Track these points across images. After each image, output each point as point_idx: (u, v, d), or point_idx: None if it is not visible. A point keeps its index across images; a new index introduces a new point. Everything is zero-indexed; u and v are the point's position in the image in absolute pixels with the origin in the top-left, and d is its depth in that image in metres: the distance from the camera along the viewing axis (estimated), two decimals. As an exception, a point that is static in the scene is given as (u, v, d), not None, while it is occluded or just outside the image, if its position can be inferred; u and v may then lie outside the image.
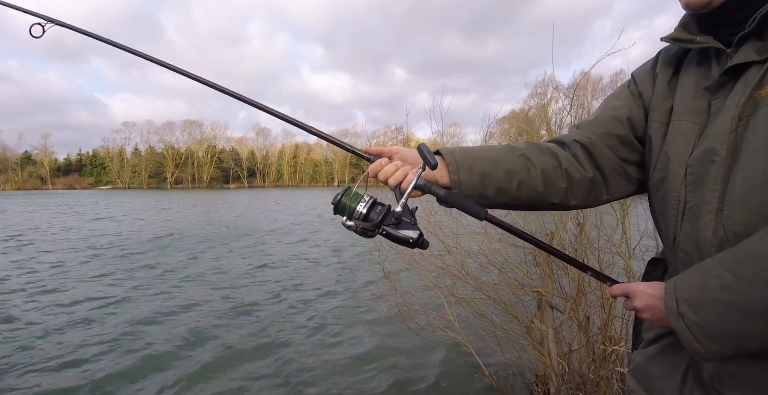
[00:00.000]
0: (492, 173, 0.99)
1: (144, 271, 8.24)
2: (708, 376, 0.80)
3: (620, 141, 1.00)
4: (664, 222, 0.90)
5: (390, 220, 0.96)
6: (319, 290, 6.86)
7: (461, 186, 0.99)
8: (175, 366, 4.08)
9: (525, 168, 1.00)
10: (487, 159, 1.00)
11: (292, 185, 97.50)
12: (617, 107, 1.02)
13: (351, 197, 0.99)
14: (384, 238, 0.97)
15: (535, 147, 1.04)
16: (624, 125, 0.99)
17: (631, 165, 1.01)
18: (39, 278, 7.60)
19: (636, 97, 1.00)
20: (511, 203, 1.04)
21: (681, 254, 0.84)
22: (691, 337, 0.73)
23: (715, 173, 0.78)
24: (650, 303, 0.84)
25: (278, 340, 4.75)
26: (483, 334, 3.44)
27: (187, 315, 5.59)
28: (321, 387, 3.70)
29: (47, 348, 4.47)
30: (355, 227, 0.96)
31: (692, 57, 0.91)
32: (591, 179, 1.02)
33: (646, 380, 0.95)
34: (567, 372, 2.76)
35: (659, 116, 0.93)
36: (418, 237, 0.95)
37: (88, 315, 5.57)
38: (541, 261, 3.15)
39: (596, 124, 1.04)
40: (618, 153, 1.00)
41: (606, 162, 1.01)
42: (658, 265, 1.03)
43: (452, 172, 0.99)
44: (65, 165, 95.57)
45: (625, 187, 1.04)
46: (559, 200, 1.03)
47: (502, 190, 1.00)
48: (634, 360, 1.01)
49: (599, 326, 2.79)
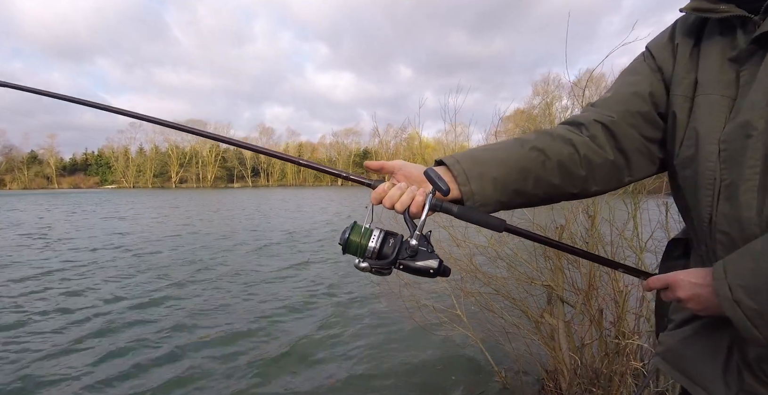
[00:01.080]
0: (505, 176, 0.91)
1: (186, 270, 8.22)
2: (754, 358, 0.75)
3: (643, 119, 0.92)
4: (695, 202, 0.83)
5: (405, 252, 0.89)
6: (321, 284, 6.85)
7: (474, 197, 0.91)
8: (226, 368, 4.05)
9: (539, 162, 0.92)
10: (497, 162, 0.92)
11: (296, 185, 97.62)
12: (636, 81, 0.94)
13: (360, 234, 0.91)
14: (403, 271, 0.91)
15: (546, 136, 0.96)
16: (646, 101, 0.92)
17: (654, 144, 0.94)
18: (76, 276, 7.60)
19: (655, 71, 0.93)
20: (528, 202, 0.97)
21: (719, 236, 0.78)
22: (750, 325, 0.68)
23: (753, 148, 0.72)
24: (696, 291, 0.78)
25: (279, 333, 4.71)
26: (491, 329, 3.38)
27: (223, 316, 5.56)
28: (324, 381, 3.65)
29: (95, 345, 4.47)
30: (370, 268, 0.89)
31: (713, 26, 0.85)
32: (612, 162, 0.94)
33: (681, 362, 0.89)
34: (579, 367, 2.70)
35: (683, 90, 0.87)
36: (438, 266, 0.88)
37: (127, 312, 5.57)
38: (551, 255, 3.09)
39: (616, 101, 0.96)
40: (641, 132, 0.93)
41: (629, 142, 0.94)
42: (678, 245, 0.97)
43: (462, 183, 0.91)
44: (71, 165, 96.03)
45: (648, 167, 0.97)
46: (579, 190, 0.96)
47: (518, 192, 0.93)
48: (664, 343, 0.94)
49: (612, 319, 2.72)
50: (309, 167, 1.06)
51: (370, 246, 0.90)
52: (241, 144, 1.13)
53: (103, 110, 1.14)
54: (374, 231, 0.91)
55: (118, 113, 1.13)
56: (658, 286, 0.87)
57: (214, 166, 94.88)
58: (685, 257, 0.97)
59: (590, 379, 2.64)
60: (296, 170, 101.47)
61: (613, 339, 2.61)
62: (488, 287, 3.41)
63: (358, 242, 0.90)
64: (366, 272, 0.90)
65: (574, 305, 2.90)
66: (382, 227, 0.92)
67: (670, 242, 0.99)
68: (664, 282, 0.85)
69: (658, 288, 0.87)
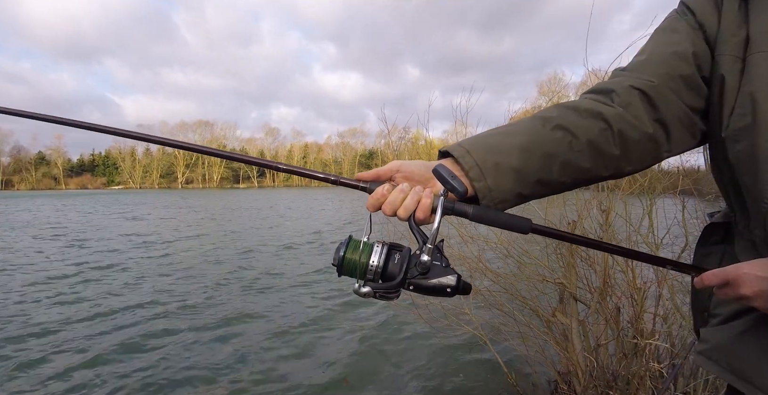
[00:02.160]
0: (526, 165, 0.77)
1: (213, 268, 8.18)
2: None
3: (686, 83, 0.78)
4: (752, 179, 0.71)
5: (416, 270, 0.72)
6: (327, 280, 6.76)
7: (491, 194, 0.76)
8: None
9: (566, 144, 0.78)
10: (516, 148, 0.77)
11: (302, 185, 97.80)
12: (677, 41, 0.80)
13: (357, 250, 0.74)
14: (412, 292, 0.75)
15: (570, 111, 0.80)
16: (689, 62, 0.78)
17: (696, 114, 0.81)
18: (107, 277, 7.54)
19: (695, 28, 0.79)
20: (552, 191, 0.82)
21: None
22: None
23: None
24: (765, 287, 0.65)
25: (286, 331, 4.62)
26: (501, 329, 3.26)
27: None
28: (332, 381, 3.56)
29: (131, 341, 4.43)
30: (374, 292, 0.72)
31: None
32: (650, 136, 0.80)
33: (734, 362, 0.76)
34: (595, 369, 2.58)
35: (732, 49, 0.74)
36: (457, 283, 0.73)
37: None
38: (563, 251, 2.97)
39: (654, 63, 0.81)
40: (684, 99, 0.79)
41: (671, 111, 0.79)
42: (717, 230, 0.85)
43: (475, 179, 0.76)
44: (78, 165, 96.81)
45: (688, 140, 0.83)
46: (612, 172, 0.82)
47: (541, 182, 0.78)
48: (708, 339, 0.82)
49: (629, 318, 2.60)
50: (292, 172, 0.84)
51: (371, 264, 0.73)
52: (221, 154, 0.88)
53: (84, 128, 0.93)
54: (375, 246, 0.74)
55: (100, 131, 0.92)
56: (716, 282, 0.72)
57: (220, 167, 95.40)
58: (724, 243, 0.85)
59: (606, 381, 2.51)
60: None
61: (631, 339, 2.48)
62: (498, 285, 3.30)
63: (357, 260, 0.73)
64: (368, 298, 0.73)
65: (588, 303, 2.77)
66: (384, 241, 0.76)
67: (707, 227, 0.87)
68: (724, 278, 0.71)
69: (716, 285, 0.73)
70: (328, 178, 0.82)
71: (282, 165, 0.83)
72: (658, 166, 3.32)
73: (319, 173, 0.83)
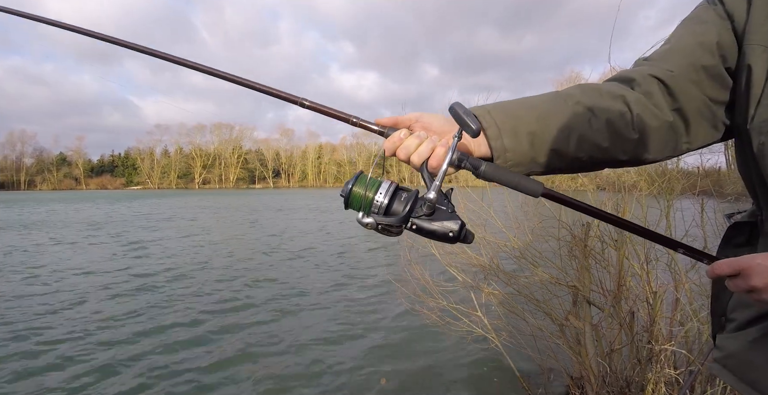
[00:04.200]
0: (543, 132, 0.77)
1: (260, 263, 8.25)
2: None
3: (708, 74, 0.77)
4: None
5: (421, 210, 0.73)
6: (339, 280, 6.76)
7: (506, 155, 0.77)
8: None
9: (585, 120, 0.77)
10: (534, 115, 0.78)
11: (317, 186, 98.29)
12: (702, 31, 0.78)
13: (365, 185, 0.76)
14: (416, 233, 0.75)
15: (593, 91, 0.80)
16: (713, 53, 0.76)
17: (718, 105, 0.78)
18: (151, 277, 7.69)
19: (724, 18, 0.76)
20: (568, 166, 0.81)
21: None
22: None
23: None
24: None
25: (292, 333, 4.62)
26: (514, 332, 3.22)
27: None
28: (340, 385, 3.55)
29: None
30: (376, 224, 0.73)
31: None
32: (670, 125, 0.79)
33: (747, 372, 0.73)
34: (608, 374, 2.52)
35: (761, 39, 0.71)
36: (460, 229, 0.73)
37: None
38: (577, 254, 2.91)
39: (676, 53, 0.80)
40: (705, 90, 0.77)
41: (690, 102, 0.78)
42: (742, 230, 0.81)
43: (492, 137, 0.77)
44: (98, 166, 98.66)
45: (710, 133, 0.81)
46: (629, 157, 0.81)
47: (557, 153, 0.78)
48: (724, 347, 0.78)
49: (644, 323, 2.53)
50: (315, 109, 0.84)
51: (377, 200, 0.75)
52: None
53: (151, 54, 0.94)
54: (383, 183, 0.76)
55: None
56: (728, 272, 0.69)
57: (236, 167, 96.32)
58: (749, 244, 0.81)
59: (620, 388, 2.46)
60: (317, 172, 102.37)
61: (645, 344, 2.42)
62: (510, 287, 3.25)
63: (363, 194, 0.75)
64: (371, 229, 0.74)
65: (602, 307, 2.72)
66: (393, 181, 0.77)
67: (731, 227, 0.83)
68: (735, 267, 0.68)
69: (727, 274, 0.70)
70: (349, 118, 0.83)
71: (306, 101, 0.85)
72: (677, 165, 3.24)
73: (341, 112, 0.84)
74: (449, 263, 3.62)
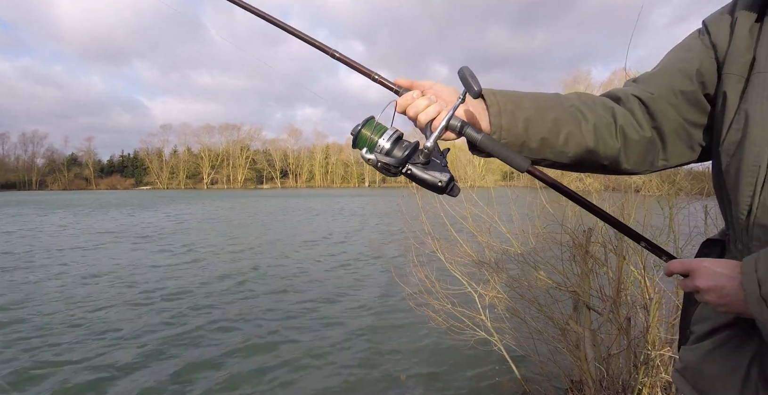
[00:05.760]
0: (538, 120, 0.86)
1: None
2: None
3: (686, 99, 0.85)
4: (735, 192, 0.75)
5: (417, 158, 0.82)
6: (343, 285, 6.84)
7: (501, 133, 0.85)
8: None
9: (575, 120, 0.87)
10: (533, 105, 0.88)
11: (324, 186, 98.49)
12: (686, 58, 0.86)
13: (373, 129, 0.85)
14: (408, 179, 0.84)
15: (587, 98, 0.91)
16: (693, 79, 0.84)
17: (695, 128, 0.87)
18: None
19: (708, 48, 0.84)
20: (556, 159, 0.90)
21: (757, 230, 0.71)
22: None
23: None
24: (719, 283, 0.70)
25: (294, 335, 4.71)
26: (516, 335, 3.29)
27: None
28: (332, 389, 3.63)
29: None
30: (376, 161, 0.82)
31: None
32: (648, 140, 0.88)
33: (699, 381, 0.80)
34: (605, 378, 2.58)
35: (738, 68, 0.78)
36: (448, 181, 0.82)
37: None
38: (579, 259, 2.97)
39: (659, 77, 0.89)
40: (682, 113, 0.86)
41: (667, 122, 0.87)
42: (714, 247, 0.88)
43: (493, 114, 0.86)
44: (108, 166, 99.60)
45: (686, 153, 0.90)
46: (610, 162, 0.90)
47: (547, 142, 0.87)
48: (683, 358, 0.86)
49: (642, 328, 2.59)
50: (344, 62, 0.95)
51: (380, 143, 0.84)
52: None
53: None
54: (389, 130, 0.86)
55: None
56: (678, 270, 0.78)
57: (244, 167, 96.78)
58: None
59: (616, 391, 2.52)
60: (324, 172, 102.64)
61: (642, 349, 2.48)
62: (513, 291, 3.32)
63: (369, 136, 0.85)
64: (371, 165, 0.83)
65: (601, 312, 2.78)
66: (399, 129, 0.86)
67: (705, 243, 0.90)
68: (686, 268, 0.76)
69: (678, 273, 0.78)
70: (371, 74, 0.94)
71: (337, 53, 0.97)
72: (683, 171, 3.26)
73: (365, 67, 0.94)
74: (454, 268, 3.69)
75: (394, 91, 0.92)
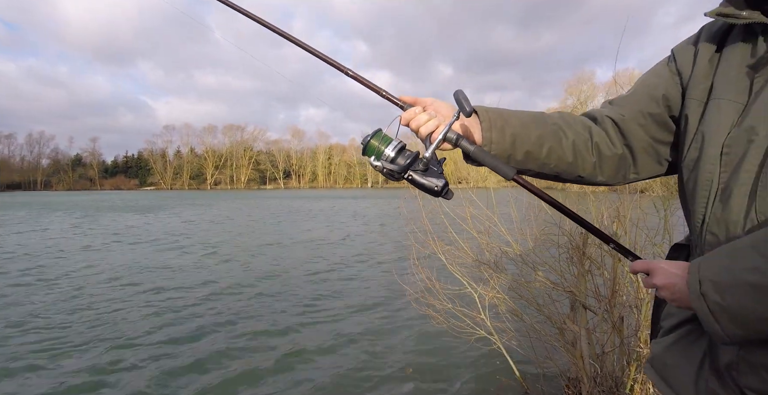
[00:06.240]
0: (523, 136, 0.98)
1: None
2: (725, 364, 0.76)
3: (653, 120, 0.96)
4: (694, 204, 0.86)
5: (418, 166, 0.95)
6: (348, 282, 6.95)
7: (491, 145, 0.97)
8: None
9: (556, 137, 0.99)
10: (520, 122, 0.99)
11: (327, 186, 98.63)
12: (654, 84, 0.98)
13: (381, 139, 0.98)
14: (410, 183, 0.96)
15: (568, 117, 1.03)
16: (659, 103, 0.95)
17: (662, 145, 0.98)
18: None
19: (674, 74, 0.95)
20: (539, 170, 1.02)
21: (708, 237, 0.81)
22: (712, 319, 0.70)
23: (753, 154, 0.74)
24: (671, 281, 0.80)
25: (291, 334, 4.81)
26: (515, 334, 3.38)
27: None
28: (334, 386, 3.71)
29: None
30: (382, 167, 0.95)
31: (737, 33, 0.86)
32: (620, 156, 1.00)
33: (663, 370, 0.91)
34: (599, 375, 2.67)
35: (698, 94, 0.88)
36: (443, 186, 0.95)
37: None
38: (576, 260, 3.06)
39: (630, 100, 1.00)
40: (650, 132, 0.97)
41: (636, 141, 0.98)
42: (682, 251, 0.98)
43: (485, 129, 0.98)
44: (112, 167, 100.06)
45: (654, 167, 1.01)
46: (587, 174, 1.01)
47: (531, 155, 0.98)
48: (653, 351, 0.96)
49: (634, 327, 2.68)
50: (356, 79, 1.07)
51: (386, 153, 0.97)
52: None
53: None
54: (394, 141, 0.98)
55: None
56: (640, 269, 0.89)
57: (247, 168, 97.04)
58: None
59: (609, 387, 2.61)
60: (326, 173, 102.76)
61: (635, 347, 2.57)
62: (513, 291, 3.40)
63: (377, 146, 0.98)
64: (378, 170, 0.96)
65: (597, 311, 2.87)
66: (403, 141, 0.98)
67: (674, 247, 1.00)
68: (646, 267, 0.87)
69: (640, 271, 0.89)
70: (380, 91, 1.08)
71: (350, 71, 1.08)
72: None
73: (374, 85, 1.08)
74: (455, 269, 3.78)
75: (399, 106, 1.04)
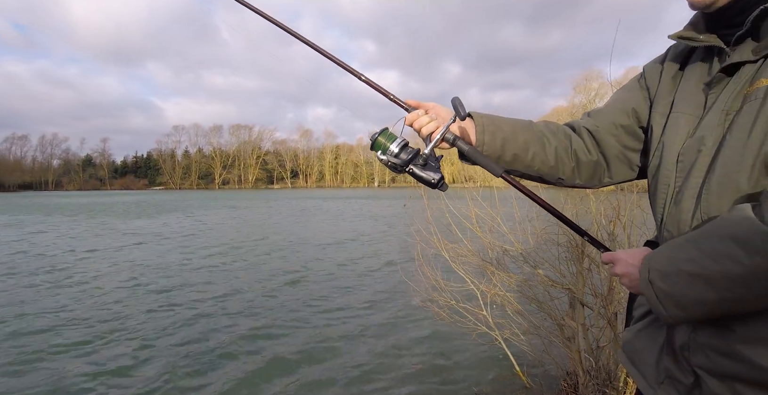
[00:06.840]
0: (512, 140, 1.11)
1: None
2: (679, 345, 0.87)
3: (625, 131, 1.09)
4: (655, 205, 0.98)
5: (418, 161, 1.09)
6: (352, 281, 7.07)
7: (483, 147, 1.11)
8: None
9: (541, 143, 1.12)
10: (510, 128, 1.12)
11: (334, 186, 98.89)
12: (626, 98, 1.11)
13: (387, 137, 1.12)
14: (410, 176, 1.10)
15: (552, 126, 1.17)
16: (629, 115, 1.08)
17: (633, 153, 1.10)
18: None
19: (643, 89, 1.08)
20: (525, 171, 1.15)
21: (665, 233, 0.92)
22: (658, 303, 0.82)
23: (702, 162, 0.85)
24: (627, 270, 0.93)
25: (292, 332, 4.94)
26: (516, 330, 3.47)
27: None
28: (341, 381, 3.79)
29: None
30: (387, 160, 1.10)
31: (698, 54, 0.98)
32: (595, 163, 1.13)
33: (632, 354, 1.02)
34: (594, 368, 2.77)
35: (661, 108, 1.01)
36: (439, 179, 1.09)
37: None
38: (575, 258, 3.15)
39: (604, 113, 1.13)
40: (621, 141, 1.10)
41: (610, 149, 1.11)
42: (653, 246, 1.08)
43: (479, 132, 1.11)
44: (122, 167, 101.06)
45: (626, 172, 1.14)
46: (566, 177, 1.14)
47: (518, 157, 1.12)
48: (625, 337, 1.08)
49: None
50: (369, 84, 1.21)
51: (391, 148, 1.11)
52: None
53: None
54: (398, 139, 1.12)
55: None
56: (607, 260, 1.01)
57: (255, 168, 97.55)
58: None
59: (603, 380, 2.71)
60: (333, 172, 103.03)
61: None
62: (514, 288, 3.50)
63: (383, 142, 1.12)
64: (383, 163, 1.11)
65: (593, 307, 2.96)
66: (406, 139, 1.13)
67: (646, 243, 1.10)
68: (611, 258, 0.99)
69: (607, 262, 1.01)
70: (387, 94, 1.20)
71: (363, 76, 1.22)
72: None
73: (383, 89, 1.21)
74: (458, 266, 3.87)
75: (405, 108, 1.19)
